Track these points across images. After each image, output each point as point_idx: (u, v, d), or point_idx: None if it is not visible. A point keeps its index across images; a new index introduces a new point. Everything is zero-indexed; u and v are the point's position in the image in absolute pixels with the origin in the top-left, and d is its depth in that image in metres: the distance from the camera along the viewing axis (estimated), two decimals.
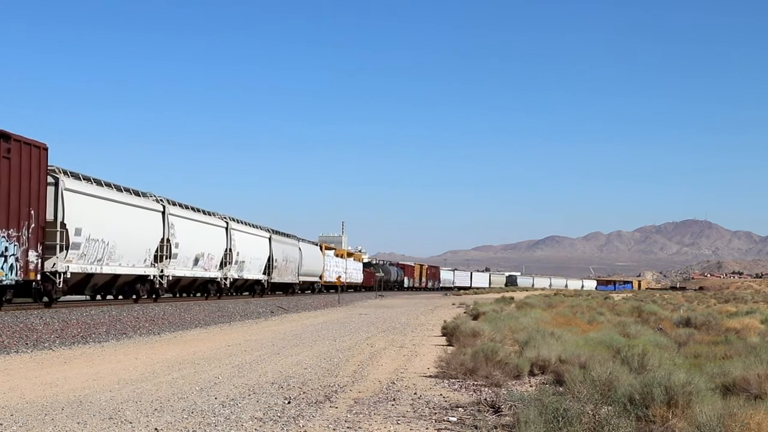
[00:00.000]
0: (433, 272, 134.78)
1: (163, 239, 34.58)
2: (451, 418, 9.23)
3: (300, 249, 61.91)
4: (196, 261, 39.05)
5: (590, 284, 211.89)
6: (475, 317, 26.77)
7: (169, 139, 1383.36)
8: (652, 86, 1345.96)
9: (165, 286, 34.97)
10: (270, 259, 52.36)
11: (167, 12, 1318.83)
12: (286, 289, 60.22)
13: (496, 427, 8.54)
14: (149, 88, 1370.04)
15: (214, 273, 42.19)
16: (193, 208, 40.48)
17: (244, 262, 46.60)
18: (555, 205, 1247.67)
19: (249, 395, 10.85)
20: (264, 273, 51.62)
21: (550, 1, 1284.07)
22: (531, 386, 11.75)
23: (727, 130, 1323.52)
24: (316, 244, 72.74)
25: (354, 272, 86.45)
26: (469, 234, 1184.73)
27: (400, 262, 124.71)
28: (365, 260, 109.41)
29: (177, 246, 36.11)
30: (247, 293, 51.58)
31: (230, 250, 44.00)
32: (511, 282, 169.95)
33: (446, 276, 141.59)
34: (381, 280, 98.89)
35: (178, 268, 36.77)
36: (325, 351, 17.43)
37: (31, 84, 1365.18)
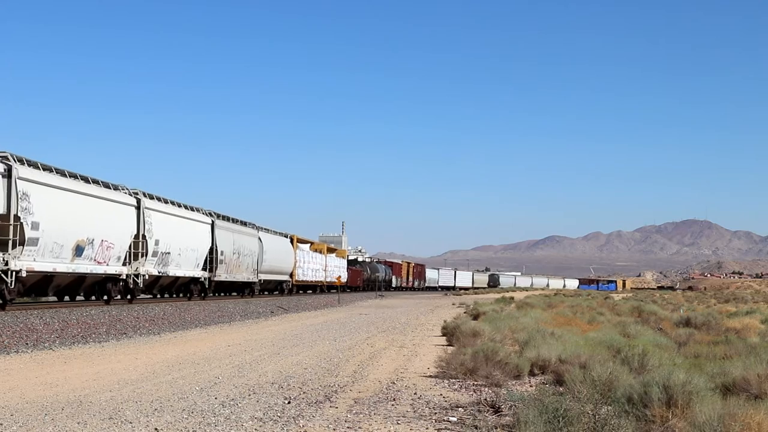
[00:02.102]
0: (419, 271, 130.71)
1: (7, 216, 23.54)
2: (451, 418, 9.23)
3: (260, 240, 51.11)
4: (79, 250, 27.62)
5: (572, 283, 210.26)
6: (475, 317, 26.76)
7: (169, 139, 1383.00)
8: (652, 86, 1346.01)
9: (12, 286, 23.97)
10: (213, 252, 41.25)
11: (167, 12, 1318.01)
12: (241, 290, 49.66)
13: (496, 427, 8.53)
14: (149, 88, 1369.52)
15: (116, 267, 30.87)
16: (72, 175, 28.52)
17: (168, 253, 35.43)
18: (555, 205, 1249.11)
19: (249, 395, 10.85)
20: (204, 269, 40.59)
21: (550, 1, 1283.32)
22: (531, 386, 11.74)
23: (726, 130, 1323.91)
24: (286, 236, 61.05)
25: (336, 270, 77.08)
26: (469, 234, 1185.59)
27: (387, 260, 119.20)
28: (351, 257, 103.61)
29: (35, 227, 24.77)
30: (180, 295, 40.52)
31: (144, 236, 32.69)
32: (493, 281, 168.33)
33: (431, 275, 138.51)
34: (368, 279, 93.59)
35: (40, 260, 25.42)
36: (325, 351, 17.43)
37: (31, 84, 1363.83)
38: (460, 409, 9.85)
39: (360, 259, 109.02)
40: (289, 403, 10.26)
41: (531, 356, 13.25)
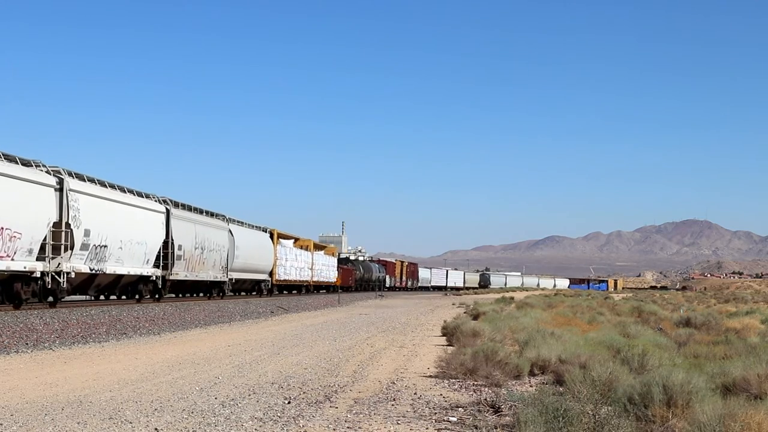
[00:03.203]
0: (412, 270, 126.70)
1: None
2: (451, 418, 9.23)
3: (231, 233, 45.60)
4: None
5: (563, 283, 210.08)
6: (475, 317, 26.77)
7: (169, 139, 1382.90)
8: (653, 86, 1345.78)
9: None
10: (169, 246, 35.58)
11: (167, 12, 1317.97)
12: (207, 290, 43.73)
13: (496, 427, 8.53)
14: (149, 88, 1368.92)
15: (25, 263, 24.94)
16: None
17: (105, 246, 29.27)
18: (555, 205, 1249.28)
19: (249, 395, 10.85)
20: (157, 266, 34.93)
21: (550, 1, 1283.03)
22: (531, 386, 11.74)
23: (726, 130, 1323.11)
24: (265, 230, 55.51)
25: (324, 269, 72.22)
26: (469, 234, 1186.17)
27: (381, 259, 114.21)
28: (343, 255, 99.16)
29: None
30: (125, 297, 34.76)
31: (68, 225, 26.76)
32: (484, 281, 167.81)
33: (424, 275, 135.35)
34: (361, 278, 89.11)
35: None
36: (325, 351, 17.43)
37: (31, 84, 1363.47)
38: (460, 409, 9.85)
39: (353, 257, 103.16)
40: (289, 403, 10.26)
41: (531, 356, 13.25)
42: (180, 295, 41.87)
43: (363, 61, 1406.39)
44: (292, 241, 63.88)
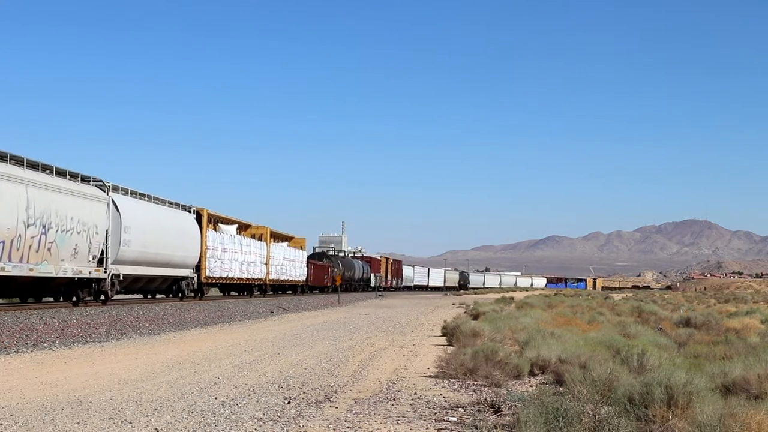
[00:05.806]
0: (397, 268, 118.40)
1: None
2: (451, 418, 9.24)
3: (115, 207, 31.02)
4: None
5: (539, 282, 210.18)
6: (475, 317, 26.78)
7: (169, 139, 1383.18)
8: (652, 86, 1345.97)
9: None
10: None
11: (167, 12, 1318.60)
12: (69, 291, 28.89)
13: (496, 427, 8.54)
14: (149, 88, 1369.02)
15: None
16: None
17: None
18: (555, 205, 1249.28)
19: (249, 395, 10.86)
20: None
21: (550, 1, 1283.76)
22: (531, 386, 11.75)
23: (726, 129, 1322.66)
24: (189, 209, 41.07)
25: (288, 264, 59.80)
26: (469, 234, 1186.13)
27: (365, 255, 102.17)
28: (318, 250, 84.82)
29: None
30: None
31: None
32: (463, 279, 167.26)
33: (407, 273, 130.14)
34: (340, 277, 76.00)
35: None
36: (325, 351, 17.44)
37: (30, 84, 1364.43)
38: (460, 409, 9.86)
39: (331, 252, 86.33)
40: (289, 403, 10.27)
41: (531, 356, 13.26)
42: (29, 301, 28.92)
43: (363, 61, 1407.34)
44: (236, 226, 49.92)
